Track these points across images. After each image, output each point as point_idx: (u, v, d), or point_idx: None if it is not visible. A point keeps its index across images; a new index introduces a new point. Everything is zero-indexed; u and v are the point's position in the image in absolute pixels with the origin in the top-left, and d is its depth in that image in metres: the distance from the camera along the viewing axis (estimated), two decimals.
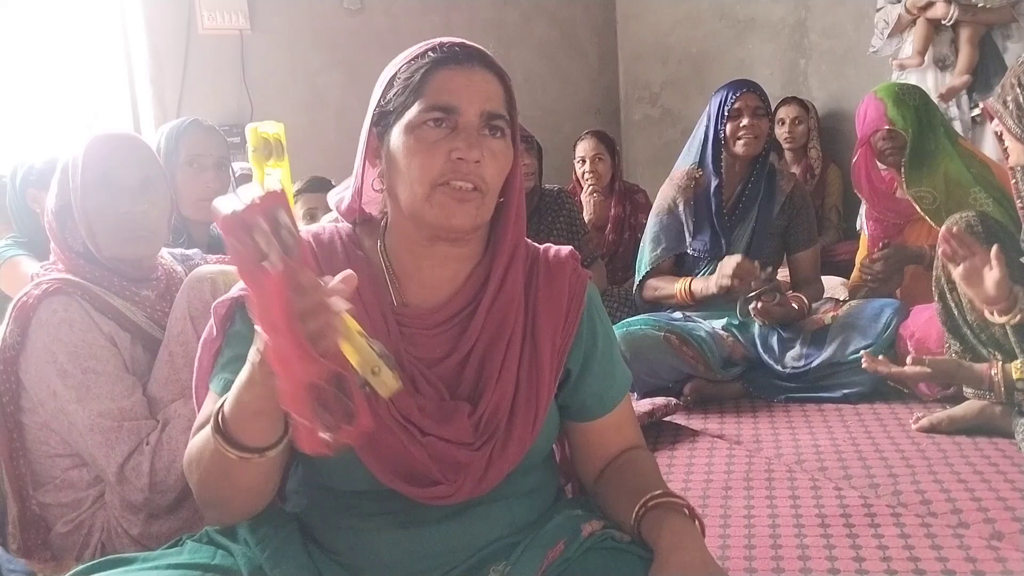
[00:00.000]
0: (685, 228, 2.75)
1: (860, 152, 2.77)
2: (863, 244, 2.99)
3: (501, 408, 1.05)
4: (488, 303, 1.07)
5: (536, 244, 1.17)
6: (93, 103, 4.05)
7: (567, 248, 1.16)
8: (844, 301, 2.75)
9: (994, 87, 3.22)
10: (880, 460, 2.03)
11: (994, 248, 1.83)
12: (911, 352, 2.36)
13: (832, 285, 3.03)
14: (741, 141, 2.66)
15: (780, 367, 2.57)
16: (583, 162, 3.58)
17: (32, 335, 1.43)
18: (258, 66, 4.21)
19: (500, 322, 1.07)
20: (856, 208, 3.62)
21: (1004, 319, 1.88)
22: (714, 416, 2.47)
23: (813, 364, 2.51)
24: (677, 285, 2.72)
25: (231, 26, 4.15)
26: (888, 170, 2.74)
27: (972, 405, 2.13)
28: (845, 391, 2.48)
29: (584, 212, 3.41)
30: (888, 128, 2.62)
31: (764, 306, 2.55)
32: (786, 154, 3.98)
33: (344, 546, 1.07)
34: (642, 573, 0.96)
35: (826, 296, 2.85)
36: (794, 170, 3.82)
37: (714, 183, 2.70)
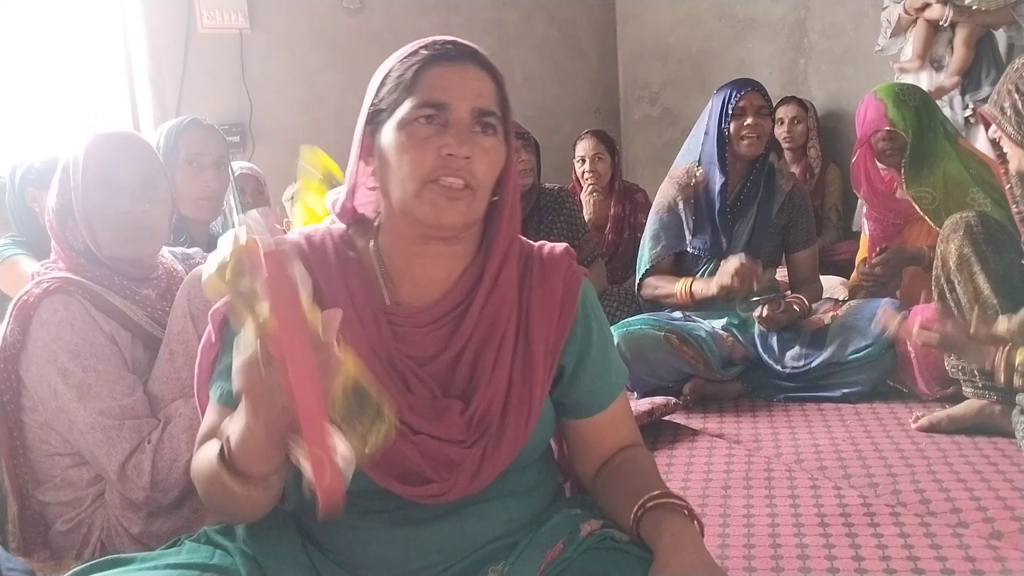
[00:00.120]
0: (685, 226, 2.74)
1: (860, 152, 2.76)
2: (863, 244, 2.99)
3: (494, 405, 1.05)
4: (481, 301, 1.07)
5: (531, 241, 1.16)
6: (93, 102, 4.05)
7: (562, 245, 1.16)
8: (843, 301, 2.75)
9: (984, 88, 3.25)
10: (879, 460, 2.03)
11: (974, 318, 1.81)
12: (911, 352, 2.36)
13: (831, 285, 3.03)
14: (745, 141, 2.66)
15: (780, 367, 2.57)
16: (583, 161, 3.59)
17: (33, 334, 1.43)
18: (257, 65, 4.21)
19: (493, 320, 1.07)
20: (855, 208, 3.63)
21: (1008, 357, 1.86)
22: (713, 416, 2.48)
23: (813, 364, 2.52)
24: (677, 285, 2.71)
25: (231, 25, 4.15)
26: (888, 170, 2.74)
27: (971, 405, 2.14)
28: (844, 391, 2.48)
29: (584, 211, 3.41)
30: (888, 129, 2.62)
31: (769, 314, 2.56)
32: (785, 154, 3.98)
33: (341, 544, 1.07)
34: (641, 573, 0.96)
35: (826, 296, 2.85)
36: (793, 170, 3.82)
37: (720, 181, 2.69)
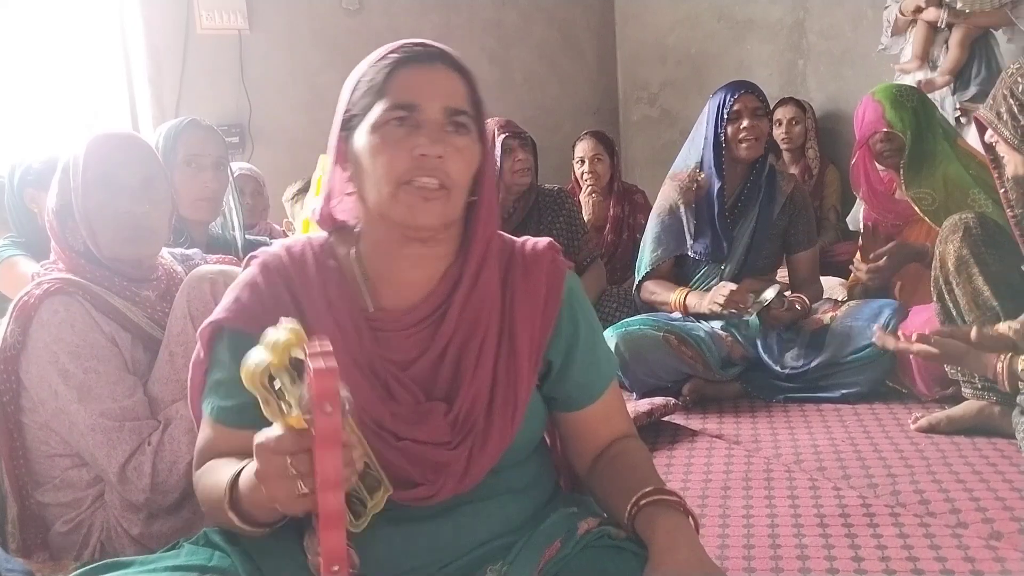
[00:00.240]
0: (686, 230, 2.75)
1: (859, 153, 2.76)
2: (861, 246, 2.99)
3: (478, 405, 1.05)
4: (461, 301, 1.07)
5: (513, 237, 1.16)
6: (92, 103, 4.05)
7: (545, 240, 1.16)
8: (843, 302, 2.75)
9: (972, 88, 3.26)
10: (879, 460, 2.03)
11: (973, 330, 1.84)
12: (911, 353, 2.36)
13: (831, 285, 3.03)
14: (743, 144, 2.65)
15: (779, 367, 2.57)
16: (582, 162, 3.59)
17: (33, 335, 1.43)
18: (257, 66, 4.21)
19: (474, 319, 1.07)
20: (854, 209, 3.62)
21: (1011, 365, 1.87)
22: (713, 416, 2.48)
23: (812, 364, 2.52)
24: (673, 296, 2.72)
25: (230, 26, 4.15)
26: (887, 171, 2.74)
27: (971, 405, 2.14)
28: (844, 391, 2.49)
29: (583, 212, 3.41)
30: (886, 130, 2.62)
31: (775, 314, 2.58)
32: (784, 155, 3.98)
33: None
34: (638, 571, 0.97)
35: (825, 296, 2.85)
36: (792, 171, 3.82)
37: (716, 186, 2.70)
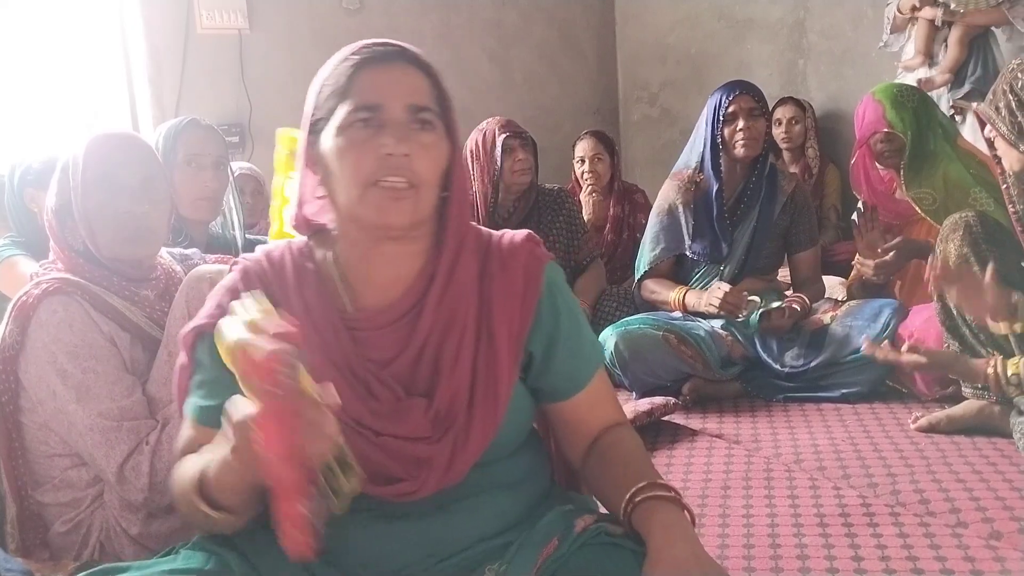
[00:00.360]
0: (684, 230, 2.75)
1: (859, 154, 2.76)
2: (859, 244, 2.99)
3: (457, 399, 1.05)
4: (437, 296, 1.07)
5: (491, 231, 1.16)
6: (92, 103, 4.04)
7: (523, 232, 1.16)
8: (843, 301, 2.75)
9: (967, 86, 3.26)
10: (879, 460, 2.03)
11: (989, 269, 1.83)
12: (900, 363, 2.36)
13: (831, 285, 3.02)
14: (740, 144, 2.66)
15: (779, 367, 2.57)
16: (582, 162, 3.58)
17: (32, 335, 1.43)
18: (257, 66, 4.20)
19: (451, 314, 1.07)
20: (854, 208, 3.62)
21: (1007, 329, 1.87)
22: (713, 416, 2.48)
23: (812, 364, 2.52)
24: (673, 294, 2.73)
25: (230, 26, 4.15)
26: (887, 171, 2.74)
27: (970, 405, 2.14)
28: (844, 391, 2.49)
29: (583, 212, 3.41)
30: (887, 131, 2.62)
31: (775, 323, 2.58)
32: (784, 154, 3.98)
33: (333, 545, 1.06)
34: (636, 567, 0.96)
35: (825, 296, 2.85)
36: (792, 170, 3.82)
37: (714, 188, 2.70)
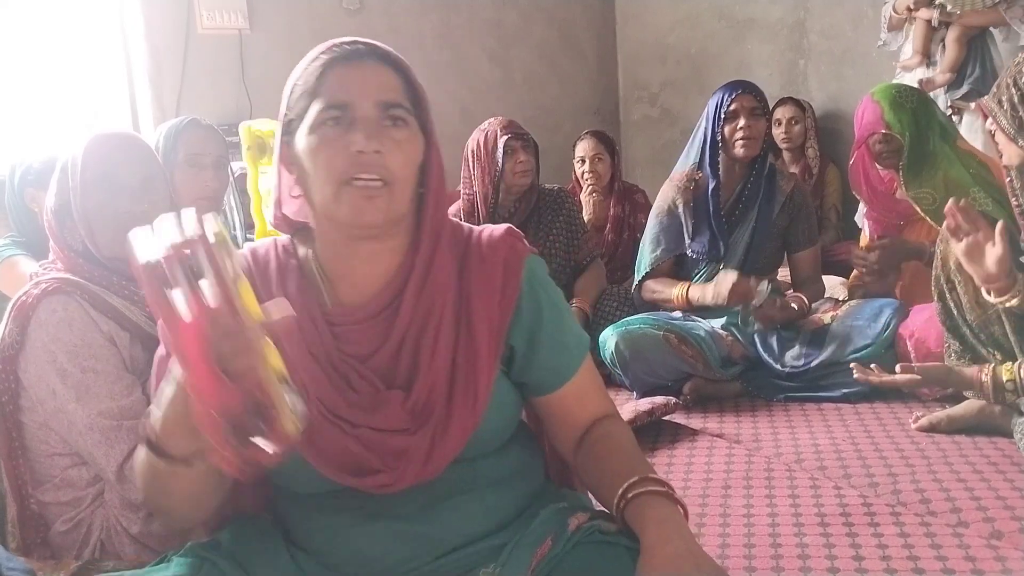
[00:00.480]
0: (684, 229, 2.74)
1: (857, 154, 2.76)
2: (863, 243, 2.99)
3: (436, 391, 1.05)
4: (415, 291, 1.07)
5: (471, 226, 1.16)
6: (92, 103, 4.04)
7: (503, 226, 1.15)
8: (843, 301, 2.75)
9: (965, 87, 3.26)
10: (879, 459, 2.03)
11: (999, 224, 1.80)
12: (911, 352, 2.36)
13: (831, 285, 3.03)
14: (740, 143, 2.66)
15: (779, 366, 2.57)
16: (582, 162, 3.58)
17: (31, 334, 1.43)
18: (257, 66, 4.21)
19: (428, 308, 1.07)
20: (855, 208, 3.62)
21: (1002, 299, 1.85)
22: (713, 415, 2.48)
23: (812, 364, 2.52)
24: (675, 290, 2.72)
25: (230, 26, 4.15)
26: (887, 171, 2.74)
27: (971, 404, 2.14)
28: (844, 391, 2.48)
29: (583, 212, 3.41)
30: (884, 132, 2.61)
31: (767, 312, 2.56)
32: (784, 154, 3.98)
33: (325, 546, 1.07)
34: (631, 565, 0.96)
35: (826, 296, 2.85)
36: (792, 170, 3.82)
37: (711, 185, 2.70)
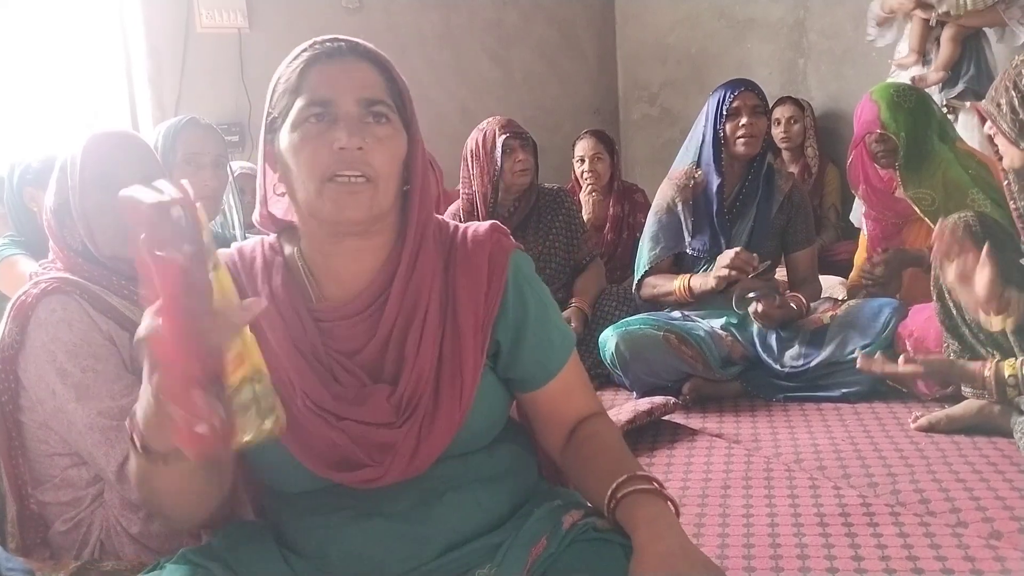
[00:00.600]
0: (684, 227, 2.75)
1: (855, 153, 2.76)
2: (862, 244, 2.99)
3: (421, 386, 1.05)
4: (400, 287, 1.08)
5: (457, 223, 1.17)
6: (92, 102, 4.04)
7: (489, 223, 1.16)
8: (843, 301, 2.75)
9: (960, 86, 3.26)
10: (879, 459, 2.03)
11: (985, 247, 1.82)
12: (910, 351, 2.36)
13: (830, 285, 3.03)
14: (741, 140, 2.66)
15: (779, 366, 2.57)
16: (582, 161, 3.59)
17: (31, 334, 1.43)
18: (256, 65, 4.20)
19: (414, 303, 1.08)
20: (854, 208, 3.62)
21: (997, 321, 1.87)
22: (713, 415, 2.48)
23: (812, 364, 2.52)
24: (676, 282, 2.72)
25: (230, 25, 4.15)
26: (886, 171, 2.74)
27: (971, 404, 2.14)
28: (844, 390, 2.48)
29: (583, 211, 3.41)
30: (880, 132, 2.61)
31: (765, 310, 2.55)
32: (783, 154, 3.98)
33: (317, 546, 1.07)
34: (626, 562, 0.96)
35: (824, 296, 2.85)
36: (791, 170, 3.82)
37: (716, 182, 2.70)
